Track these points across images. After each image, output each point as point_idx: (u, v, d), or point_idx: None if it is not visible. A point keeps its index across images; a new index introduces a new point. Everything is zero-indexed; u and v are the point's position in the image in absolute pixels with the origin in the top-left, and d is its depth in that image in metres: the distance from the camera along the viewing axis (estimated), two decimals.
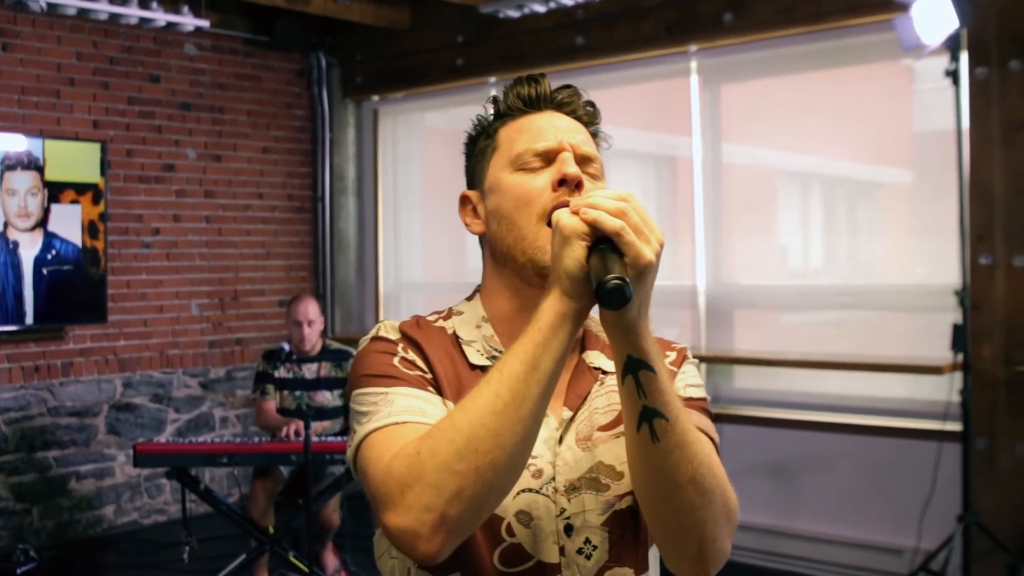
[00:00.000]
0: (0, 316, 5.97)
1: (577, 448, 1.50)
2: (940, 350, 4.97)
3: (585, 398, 1.54)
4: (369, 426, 1.40)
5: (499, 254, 1.56)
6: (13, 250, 5.99)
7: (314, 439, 4.84)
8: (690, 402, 1.54)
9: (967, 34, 4.87)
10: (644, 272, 1.29)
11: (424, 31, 7.18)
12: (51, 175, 6.11)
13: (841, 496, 5.45)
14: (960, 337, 4.78)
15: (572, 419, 1.52)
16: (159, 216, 6.89)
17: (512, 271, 1.54)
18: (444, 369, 1.50)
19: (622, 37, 6.13)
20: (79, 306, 6.35)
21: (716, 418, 1.61)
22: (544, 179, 1.51)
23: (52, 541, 6.30)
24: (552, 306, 1.31)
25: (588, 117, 1.61)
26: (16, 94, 6.20)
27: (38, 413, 6.32)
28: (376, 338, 1.54)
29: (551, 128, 1.55)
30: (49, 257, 6.13)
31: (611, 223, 1.27)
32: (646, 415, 1.34)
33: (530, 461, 1.42)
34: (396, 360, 1.48)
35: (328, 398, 5.50)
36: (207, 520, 5.98)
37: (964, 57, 4.86)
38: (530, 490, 1.46)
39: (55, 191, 6.14)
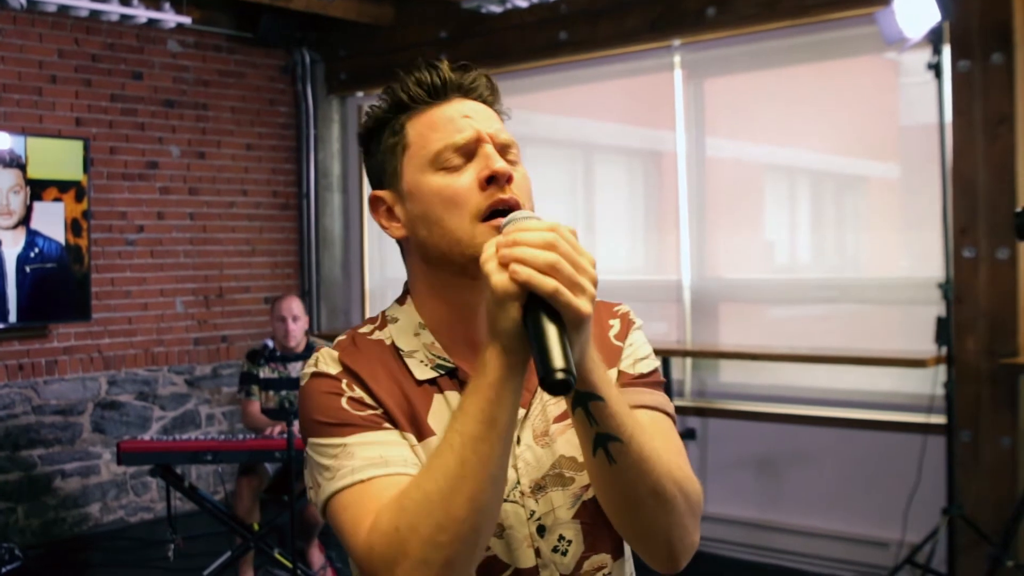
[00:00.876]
0: None
1: (536, 446, 1.48)
2: (924, 343, 4.98)
3: (535, 392, 1.51)
4: (334, 484, 1.38)
5: (432, 258, 1.49)
6: None
7: (298, 436, 4.83)
8: (642, 379, 1.54)
9: (949, 27, 4.87)
10: (581, 323, 1.25)
11: (407, 27, 7.16)
12: (33, 173, 6.08)
13: (827, 489, 5.46)
14: (944, 330, 4.78)
15: (526, 417, 1.49)
16: (143, 213, 6.87)
17: (450, 272, 1.48)
18: (391, 397, 1.46)
19: (605, 32, 6.13)
20: (63, 304, 6.32)
21: (701, 412, 1.61)
22: (469, 177, 1.45)
23: (37, 539, 6.28)
24: (496, 361, 1.28)
25: (492, 97, 1.54)
26: None
27: (22, 412, 6.29)
28: (317, 374, 1.48)
29: (464, 119, 1.47)
30: (32, 255, 6.11)
31: (545, 285, 1.21)
32: (600, 440, 1.33)
33: None
34: (344, 401, 1.44)
35: None
36: (193, 518, 5.97)
37: (947, 50, 4.86)
38: None
39: (38, 189, 6.11)
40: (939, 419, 4.90)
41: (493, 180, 1.44)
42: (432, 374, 1.49)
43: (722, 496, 5.58)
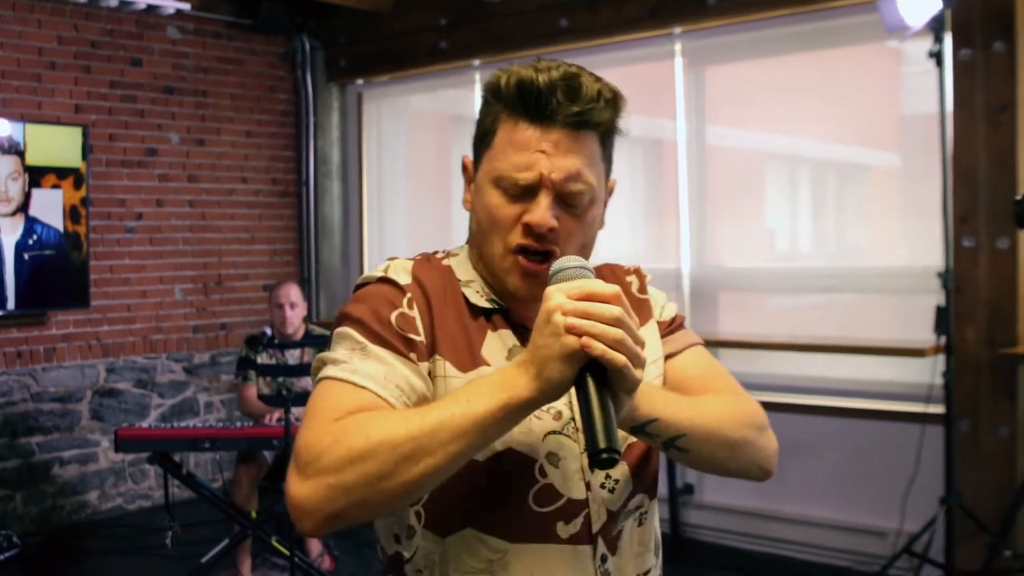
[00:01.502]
0: None
1: None
2: (923, 332, 4.96)
3: None
4: (334, 371, 1.44)
5: (475, 244, 1.59)
6: None
7: (295, 424, 4.82)
8: (672, 324, 1.70)
9: (951, 15, 4.84)
10: (635, 389, 1.32)
11: (408, 14, 7.14)
12: (32, 159, 6.07)
13: (825, 479, 5.46)
14: (943, 319, 4.76)
15: None
16: (142, 201, 6.86)
17: (486, 267, 1.57)
18: (448, 325, 1.52)
19: (606, 19, 6.11)
20: (61, 291, 6.31)
21: None
22: (517, 210, 1.50)
23: (36, 527, 6.28)
24: (526, 394, 1.31)
25: (597, 123, 1.51)
26: None
27: (21, 399, 6.29)
28: (384, 279, 1.54)
29: (539, 157, 1.47)
30: (30, 242, 6.10)
31: (616, 361, 1.26)
32: (667, 445, 1.47)
33: (549, 405, 1.42)
34: (394, 315, 1.49)
35: (311, 384, 5.46)
36: (191, 505, 5.96)
37: (948, 38, 4.84)
38: (555, 432, 1.50)
39: (36, 176, 6.10)
40: (938, 408, 4.89)
41: (529, 229, 1.49)
42: (487, 305, 1.56)
43: (720, 485, 5.57)
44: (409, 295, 1.51)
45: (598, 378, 1.28)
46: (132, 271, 6.82)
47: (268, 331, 5.45)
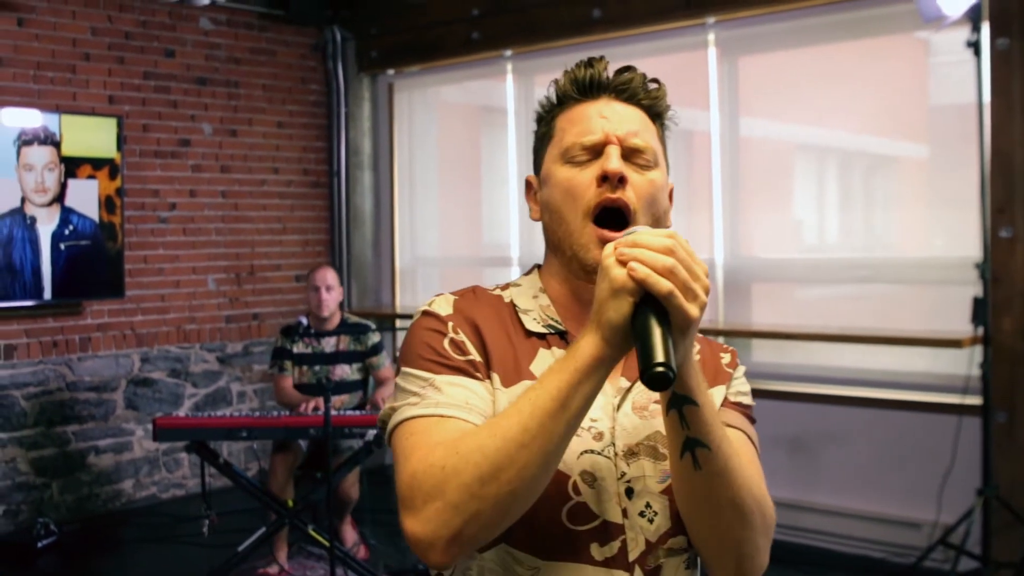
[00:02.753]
0: (18, 291, 5.99)
1: (634, 416, 1.53)
2: (959, 323, 4.95)
3: None
4: (413, 411, 1.44)
5: (551, 244, 1.61)
6: (31, 225, 6.01)
7: (333, 413, 4.85)
8: (739, 407, 1.61)
9: (988, 4, 4.82)
10: (689, 327, 1.31)
11: (439, 4, 7.14)
12: (68, 150, 6.11)
13: (860, 470, 5.45)
14: (980, 310, 4.75)
15: (630, 389, 1.54)
16: (175, 191, 6.90)
17: (561, 262, 1.59)
18: (496, 341, 1.53)
19: (640, 9, 6.10)
20: (96, 281, 6.36)
21: None
22: (590, 174, 1.53)
23: (72, 515, 6.34)
24: (590, 350, 1.32)
25: (649, 100, 1.59)
26: (32, 69, 6.19)
27: (56, 388, 6.34)
28: (428, 313, 1.56)
29: (600, 119, 1.55)
30: (66, 232, 6.14)
31: (662, 286, 1.27)
32: (689, 445, 1.39)
33: (591, 424, 1.46)
34: (446, 342, 1.50)
35: (347, 372, 5.50)
36: (225, 494, 6.02)
37: (985, 28, 4.81)
38: (592, 451, 1.48)
39: (72, 166, 6.14)
40: (974, 400, 4.88)
41: (606, 179, 1.51)
42: (542, 330, 1.57)
43: None
44: (452, 322, 1.53)
45: (656, 312, 1.27)
46: (166, 261, 6.86)
47: (304, 320, 5.45)
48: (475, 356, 1.50)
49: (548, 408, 1.30)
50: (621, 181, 1.51)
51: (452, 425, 1.40)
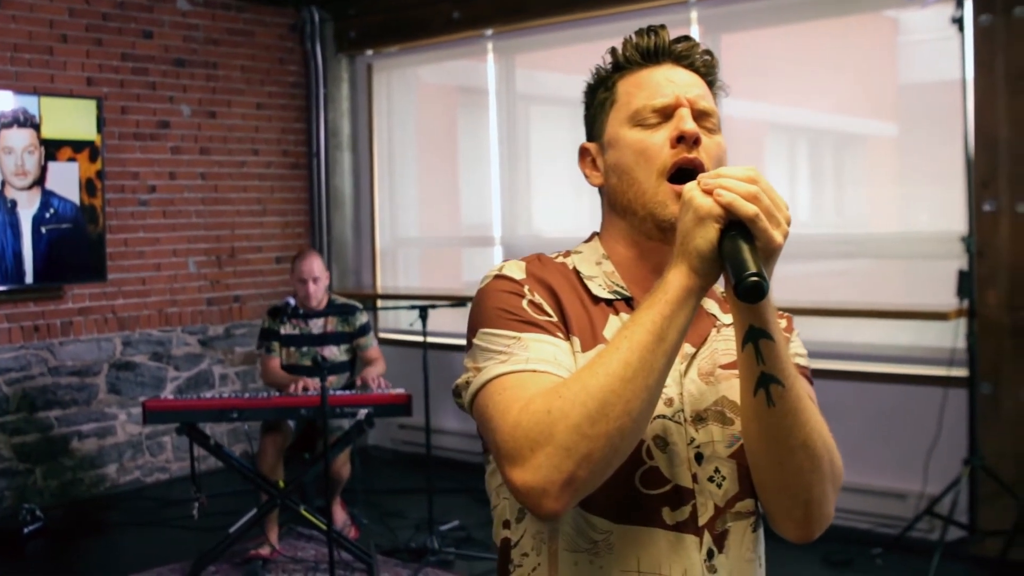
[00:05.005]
0: None
1: (700, 382, 1.53)
2: (942, 297, 5.01)
3: (706, 339, 1.58)
4: (503, 368, 1.42)
5: (619, 207, 1.60)
6: (11, 209, 5.95)
7: (331, 392, 4.86)
8: (800, 368, 1.60)
9: None
10: (773, 254, 1.34)
11: None
12: (47, 133, 6.05)
13: (846, 442, 5.41)
14: (966, 283, 4.81)
15: (695, 355, 1.55)
16: (155, 174, 6.85)
17: (630, 224, 1.58)
18: (572, 306, 1.53)
19: None
20: (78, 265, 6.31)
21: None
22: (662, 135, 1.54)
23: (56, 500, 6.31)
24: (679, 280, 1.34)
25: (706, 68, 1.62)
26: (9, 51, 6.12)
27: (39, 373, 6.30)
28: (501, 276, 1.55)
29: (668, 83, 1.57)
30: (47, 216, 6.09)
31: (747, 209, 1.31)
32: (763, 381, 1.40)
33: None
34: (525, 303, 1.50)
35: (335, 352, 5.49)
36: (213, 476, 6.01)
37: (968, 4, 4.85)
38: (663, 416, 1.49)
39: (52, 149, 6.09)
40: (960, 372, 4.94)
41: (682, 140, 1.52)
42: (608, 295, 1.57)
43: None
44: (527, 286, 1.53)
45: (743, 235, 1.31)
46: (146, 244, 6.82)
47: (291, 301, 5.44)
48: (555, 318, 1.50)
49: (645, 342, 1.31)
50: (696, 142, 1.53)
51: (546, 379, 1.39)
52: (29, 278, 6.06)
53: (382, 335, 7.48)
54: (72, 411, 6.46)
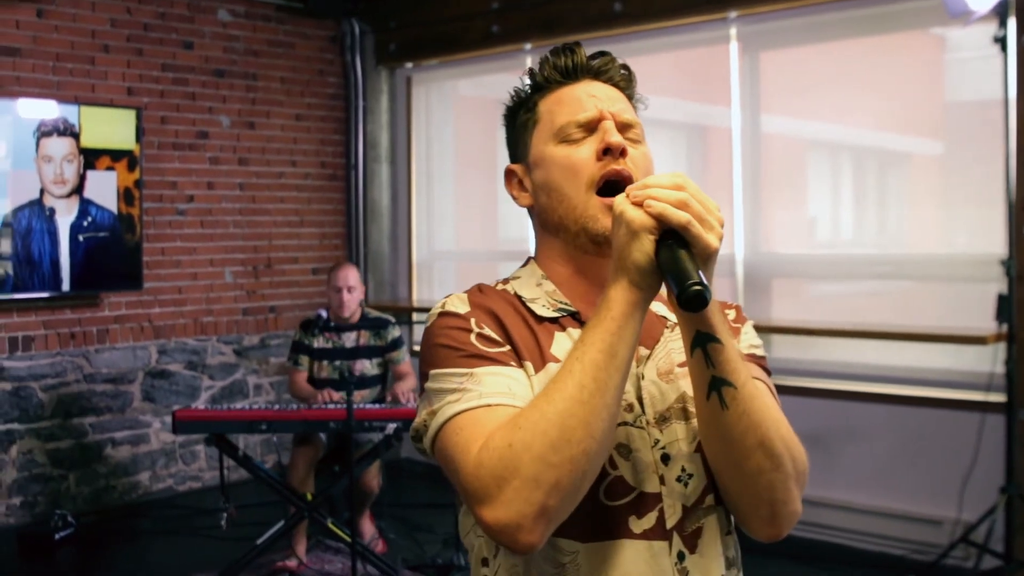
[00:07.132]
0: (36, 283, 5.99)
1: (660, 381, 1.54)
2: (981, 320, 4.92)
3: (659, 339, 1.58)
4: (457, 407, 1.41)
5: (551, 225, 1.60)
6: (50, 217, 6.00)
7: (358, 406, 4.85)
8: (752, 358, 1.59)
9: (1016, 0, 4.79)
10: (710, 258, 1.34)
11: None
12: (87, 142, 6.10)
13: (880, 466, 5.42)
14: (1006, 307, 4.72)
15: (650, 356, 1.55)
16: (193, 183, 6.89)
17: (564, 241, 1.59)
18: (517, 330, 1.53)
19: (661, 3, 6.06)
20: (114, 273, 6.36)
21: None
22: (588, 149, 1.55)
23: (88, 507, 6.34)
24: (622, 296, 1.35)
25: (624, 83, 1.64)
26: (51, 61, 6.18)
27: (74, 380, 6.34)
28: (444, 313, 1.54)
29: (590, 98, 1.58)
30: (85, 224, 6.14)
31: (678, 217, 1.31)
32: (715, 384, 1.39)
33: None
34: (473, 337, 1.49)
35: (367, 366, 5.49)
36: (242, 487, 6.02)
37: (1012, 23, 4.77)
38: (625, 423, 1.49)
39: (91, 158, 6.14)
40: (998, 397, 4.85)
41: (608, 152, 1.54)
42: (553, 314, 1.57)
43: None
44: (473, 319, 1.51)
45: (679, 244, 1.31)
46: (183, 253, 6.86)
47: (324, 314, 5.44)
48: (506, 347, 1.49)
49: (597, 361, 1.32)
50: (623, 153, 1.53)
51: (503, 412, 1.37)
52: (66, 286, 6.11)
53: (417, 348, 7.46)
54: (106, 418, 6.49)
